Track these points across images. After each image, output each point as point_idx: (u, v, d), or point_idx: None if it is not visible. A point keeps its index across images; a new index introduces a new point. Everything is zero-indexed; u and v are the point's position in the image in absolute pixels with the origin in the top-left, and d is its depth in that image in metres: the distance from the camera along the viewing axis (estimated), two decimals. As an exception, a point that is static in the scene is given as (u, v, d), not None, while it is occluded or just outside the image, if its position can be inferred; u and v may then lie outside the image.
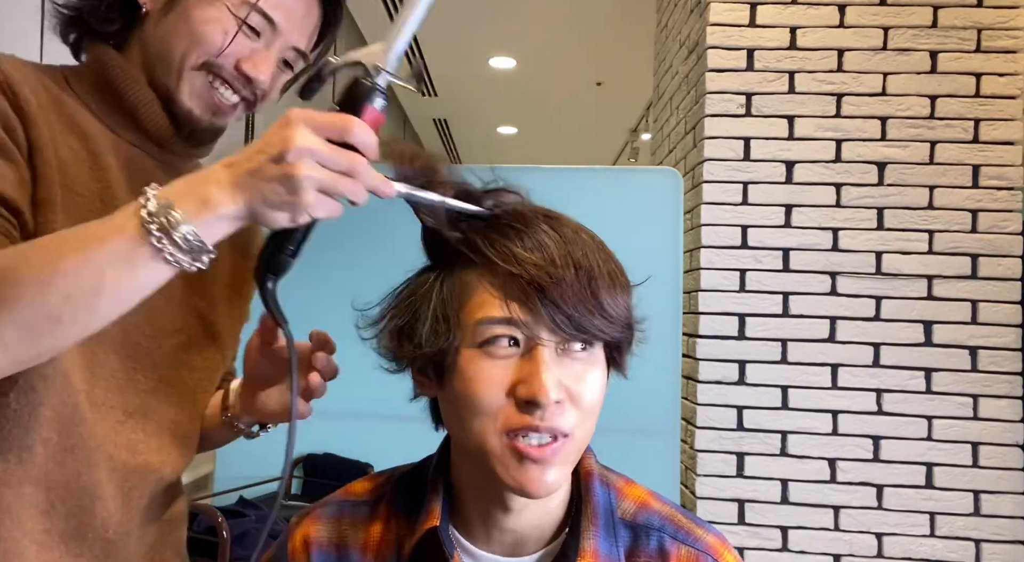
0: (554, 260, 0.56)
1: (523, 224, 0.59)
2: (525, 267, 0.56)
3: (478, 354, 0.57)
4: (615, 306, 0.58)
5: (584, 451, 0.66)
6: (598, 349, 0.59)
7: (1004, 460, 1.96)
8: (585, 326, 0.56)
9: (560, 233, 0.58)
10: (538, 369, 0.55)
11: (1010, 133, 2.01)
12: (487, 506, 0.61)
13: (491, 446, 0.57)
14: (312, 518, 0.68)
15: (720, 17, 2.08)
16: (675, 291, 1.99)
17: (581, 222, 0.63)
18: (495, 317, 0.56)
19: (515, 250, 0.57)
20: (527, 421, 0.55)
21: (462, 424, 0.59)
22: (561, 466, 0.57)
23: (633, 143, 5.17)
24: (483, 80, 4.51)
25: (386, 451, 1.65)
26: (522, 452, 0.56)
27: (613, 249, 0.63)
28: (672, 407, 1.99)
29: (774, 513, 2.00)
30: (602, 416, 0.66)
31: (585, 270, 0.56)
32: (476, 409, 0.57)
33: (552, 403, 0.55)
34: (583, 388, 0.57)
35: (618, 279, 0.59)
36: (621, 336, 0.60)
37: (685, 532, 0.63)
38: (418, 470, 0.69)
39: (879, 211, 2.03)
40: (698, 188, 2.12)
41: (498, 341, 0.57)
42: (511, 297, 0.56)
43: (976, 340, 1.98)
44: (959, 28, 2.03)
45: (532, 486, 0.56)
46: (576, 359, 0.58)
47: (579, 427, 0.58)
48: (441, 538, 0.60)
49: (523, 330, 0.56)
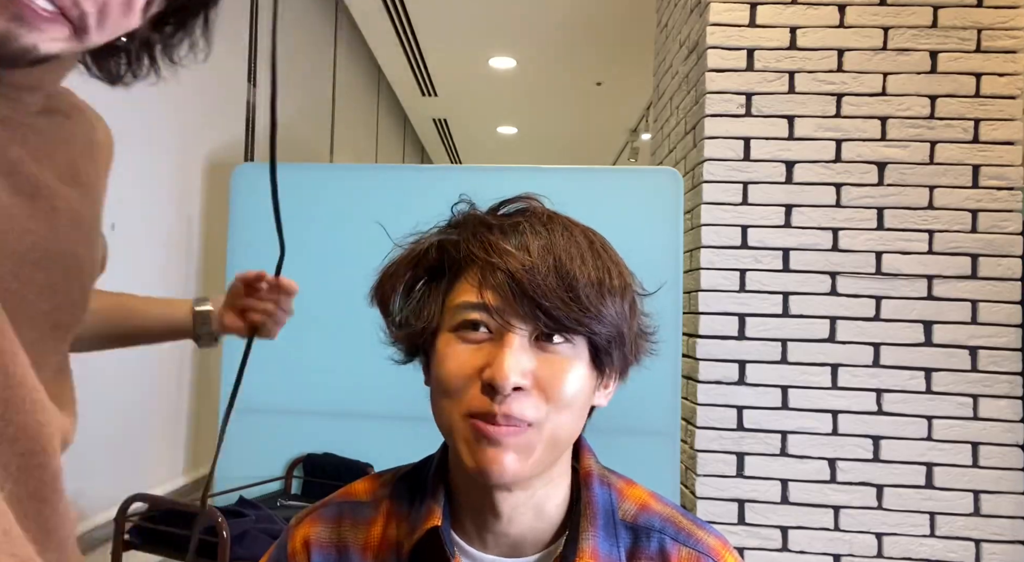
0: (530, 251, 0.57)
1: (515, 224, 0.60)
2: (504, 258, 0.57)
3: (453, 337, 0.59)
4: (596, 301, 0.57)
5: (584, 451, 0.66)
6: (581, 346, 0.59)
7: (1004, 460, 1.96)
8: (557, 317, 0.56)
9: (550, 232, 0.59)
10: (502, 354, 0.55)
11: (1010, 133, 2.01)
12: (480, 511, 0.62)
13: (456, 427, 0.58)
14: (312, 519, 0.68)
15: (720, 17, 2.08)
16: (675, 291, 1.99)
17: (585, 223, 0.63)
18: (469, 302, 0.58)
19: (497, 243, 0.58)
20: (486, 404, 0.56)
21: (436, 406, 0.60)
22: (522, 453, 0.57)
23: (633, 143, 5.17)
24: (483, 80, 4.51)
25: (386, 451, 1.65)
26: (480, 431, 0.56)
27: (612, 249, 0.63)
28: (672, 407, 1.99)
29: (774, 513, 2.01)
30: (602, 416, 0.66)
31: (564, 263, 0.57)
32: (445, 390, 0.58)
33: (511, 388, 0.55)
34: (556, 380, 0.57)
35: (607, 281, 0.58)
36: (603, 333, 0.58)
37: (686, 534, 0.63)
38: (418, 470, 0.69)
39: (879, 211, 2.03)
40: (698, 188, 2.12)
41: (471, 325, 0.58)
42: (487, 285, 0.57)
43: (976, 340, 1.98)
44: (959, 28, 2.03)
45: (490, 467, 0.56)
46: (554, 352, 0.58)
47: (549, 419, 0.57)
48: (443, 538, 0.60)
49: (495, 316, 0.57)
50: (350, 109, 3.87)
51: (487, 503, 0.60)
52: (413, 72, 4.44)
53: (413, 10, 3.57)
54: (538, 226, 0.60)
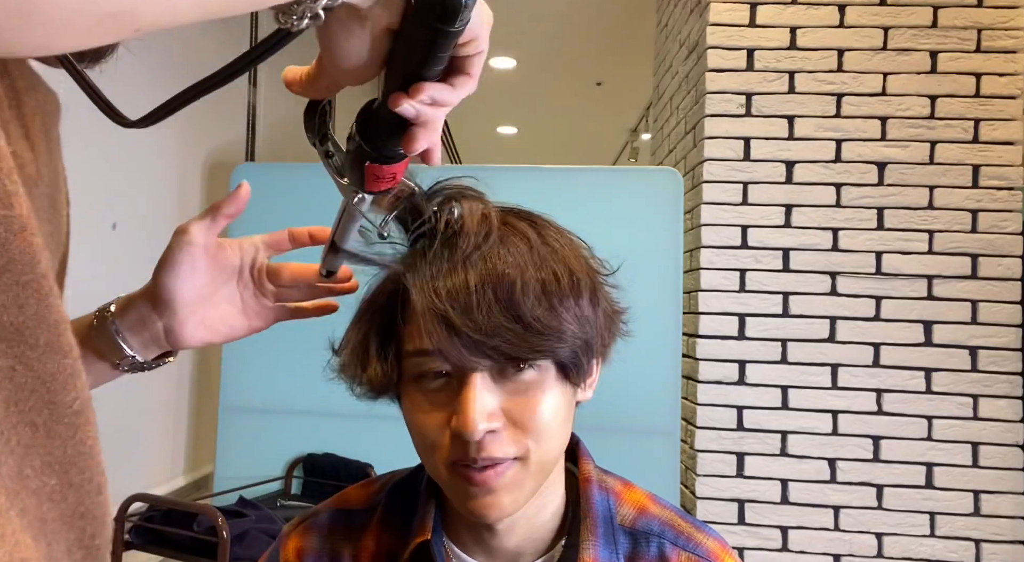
0: (468, 287, 0.52)
1: (452, 241, 0.54)
2: (438, 297, 0.52)
3: (414, 388, 0.56)
4: (550, 320, 0.52)
5: (581, 456, 0.65)
6: (548, 365, 0.55)
7: (1004, 460, 1.96)
8: (509, 351, 0.52)
9: (484, 247, 0.54)
10: (465, 403, 0.52)
11: (1010, 133, 2.01)
12: (475, 526, 0.61)
13: (442, 477, 0.56)
14: (304, 528, 0.67)
15: (720, 17, 2.08)
16: (675, 291, 1.99)
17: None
18: (421, 349, 0.54)
19: (430, 280, 0.53)
20: (464, 451, 0.53)
21: (418, 453, 0.58)
22: (514, 489, 0.54)
23: (633, 143, 5.17)
24: (483, 80, 4.49)
25: (386, 451, 1.66)
26: (467, 479, 0.54)
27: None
28: (672, 407, 1.99)
29: (774, 513, 2.00)
30: (602, 416, 0.65)
31: (507, 291, 0.52)
32: (421, 443, 0.56)
33: (484, 435, 0.52)
34: (529, 412, 0.54)
35: (557, 287, 0.53)
36: (567, 350, 0.54)
37: (686, 537, 0.63)
38: (412, 477, 0.68)
39: (879, 211, 2.03)
40: (698, 188, 2.12)
41: (428, 374, 0.55)
42: (430, 327, 0.52)
43: (976, 340, 1.98)
44: (959, 28, 2.03)
45: (485, 511, 0.54)
46: (519, 381, 0.54)
47: (532, 451, 0.54)
48: (432, 552, 0.59)
49: (448, 360, 0.53)
50: (350, 109, 3.87)
51: (481, 524, 0.59)
52: (413, 72, 4.44)
53: (413, 10, 3.56)
54: (473, 251, 0.53)
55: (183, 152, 2.17)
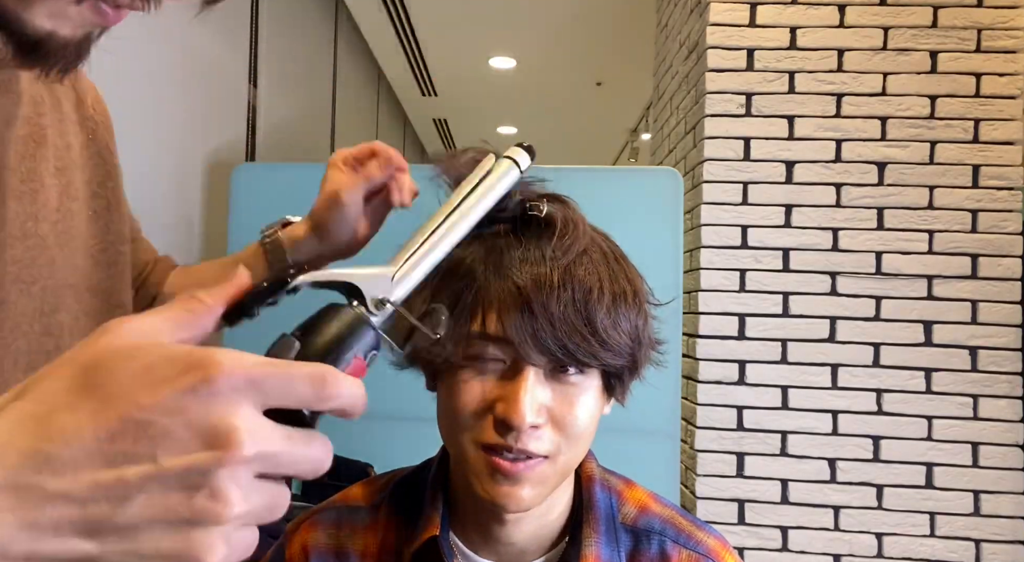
0: (551, 283, 0.54)
1: (539, 247, 0.56)
2: (523, 291, 0.54)
3: (467, 368, 0.56)
4: (613, 332, 0.55)
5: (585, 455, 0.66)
6: (594, 374, 0.57)
7: (1004, 460, 1.96)
8: (574, 352, 0.54)
9: (569, 252, 0.56)
10: (518, 392, 0.53)
11: (1010, 133, 2.01)
12: (483, 518, 0.61)
13: (470, 458, 0.56)
14: (310, 524, 0.67)
15: (720, 17, 2.08)
16: (675, 291, 1.99)
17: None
18: (487, 333, 0.55)
19: (515, 267, 0.55)
20: (501, 441, 0.54)
21: (446, 431, 0.59)
22: (537, 485, 0.56)
23: (633, 143, 5.17)
24: (483, 80, 4.51)
25: (386, 451, 1.66)
26: (496, 466, 0.55)
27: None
28: (672, 407, 1.99)
29: (774, 513, 2.00)
30: (602, 416, 0.66)
31: (584, 294, 0.54)
32: (457, 421, 0.57)
33: (528, 427, 0.54)
34: (571, 413, 0.56)
35: (624, 302, 0.56)
36: (619, 364, 0.57)
37: (686, 536, 0.63)
38: (417, 474, 0.68)
39: (879, 211, 2.03)
40: (698, 188, 2.12)
41: (485, 357, 0.56)
42: (504, 314, 0.54)
43: (976, 340, 1.98)
44: (959, 28, 2.03)
45: (505, 501, 0.55)
46: (567, 383, 0.56)
47: (563, 452, 0.56)
48: (441, 548, 0.60)
49: (511, 350, 0.55)
50: (350, 109, 3.87)
51: (492, 516, 0.60)
52: (413, 72, 4.44)
53: (413, 10, 3.57)
54: (558, 252, 0.56)
55: (183, 152, 2.17)
